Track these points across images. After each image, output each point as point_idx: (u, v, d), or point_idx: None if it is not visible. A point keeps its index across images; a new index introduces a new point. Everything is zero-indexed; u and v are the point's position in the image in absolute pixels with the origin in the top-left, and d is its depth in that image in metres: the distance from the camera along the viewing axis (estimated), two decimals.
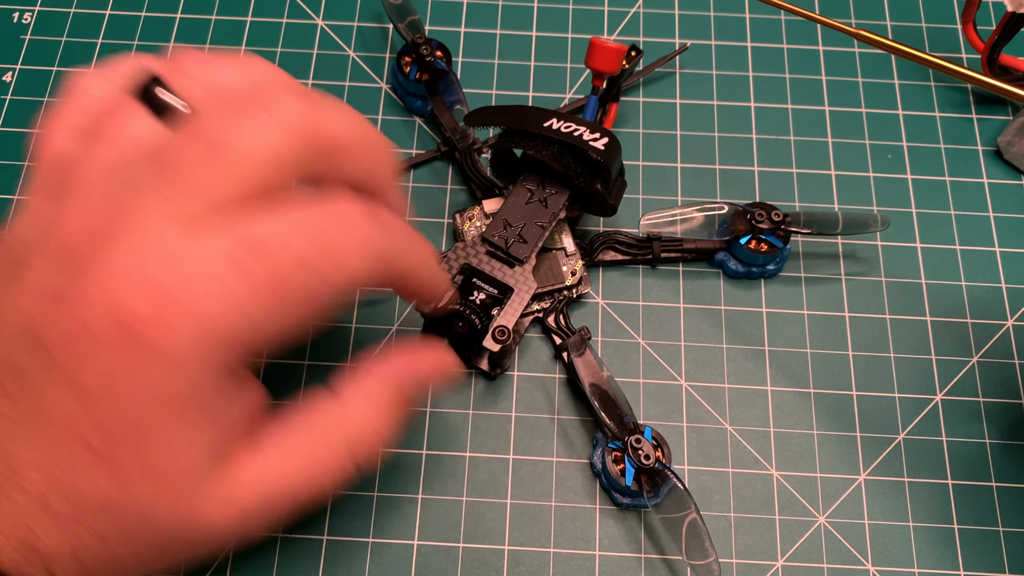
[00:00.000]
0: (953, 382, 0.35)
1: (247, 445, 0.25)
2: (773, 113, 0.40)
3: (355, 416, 0.26)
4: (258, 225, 0.22)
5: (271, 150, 0.23)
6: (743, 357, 0.35)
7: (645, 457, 0.31)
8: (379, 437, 0.26)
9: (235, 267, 0.22)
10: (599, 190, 0.33)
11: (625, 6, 0.43)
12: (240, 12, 0.42)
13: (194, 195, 0.22)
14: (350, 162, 0.25)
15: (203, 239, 0.22)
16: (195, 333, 0.22)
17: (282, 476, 0.25)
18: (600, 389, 0.32)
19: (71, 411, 0.22)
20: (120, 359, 0.22)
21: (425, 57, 0.38)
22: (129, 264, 0.22)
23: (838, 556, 0.32)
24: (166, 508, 0.24)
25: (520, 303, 0.32)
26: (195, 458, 0.24)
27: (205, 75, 0.25)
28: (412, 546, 0.32)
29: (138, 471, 0.23)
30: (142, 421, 0.22)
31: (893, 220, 0.38)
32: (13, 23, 0.42)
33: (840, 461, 0.34)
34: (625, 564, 0.32)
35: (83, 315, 0.22)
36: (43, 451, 0.23)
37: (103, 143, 0.24)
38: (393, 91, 0.40)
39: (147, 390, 0.22)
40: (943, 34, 0.42)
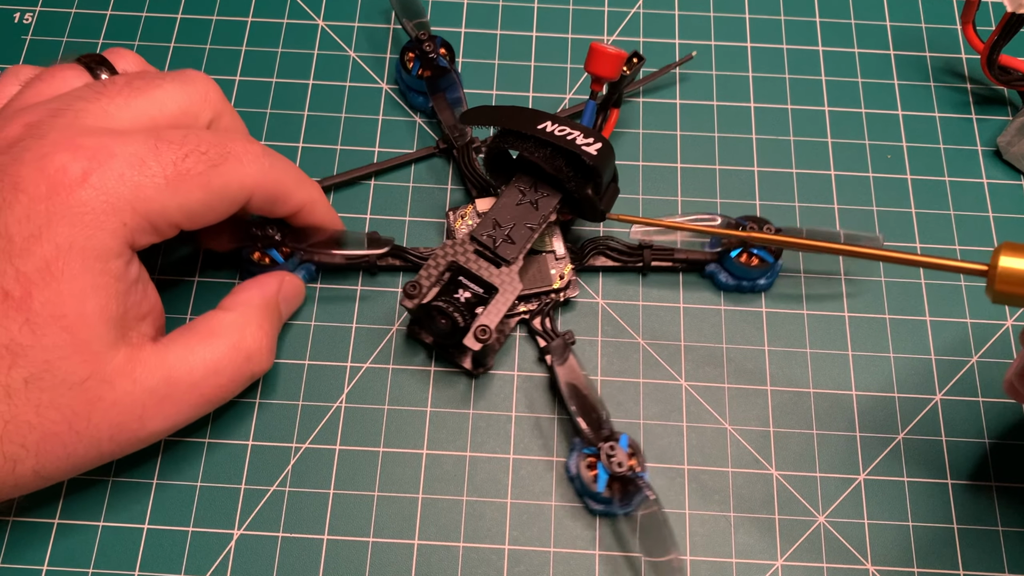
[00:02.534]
0: (952, 382, 0.35)
1: (152, 339, 0.29)
2: (773, 113, 0.40)
3: (241, 320, 0.31)
4: (173, 132, 0.28)
5: (179, 100, 0.30)
6: (743, 357, 0.35)
7: (618, 464, 0.30)
8: (269, 342, 0.32)
9: (153, 152, 0.27)
10: (590, 195, 0.33)
11: (625, 7, 0.43)
12: (240, 12, 0.42)
13: (122, 107, 0.28)
14: (233, 119, 0.32)
15: (129, 134, 0.28)
16: (113, 194, 0.27)
17: (186, 366, 0.29)
18: (579, 394, 0.32)
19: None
20: (45, 210, 0.26)
21: (428, 54, 0.38)
22: (64, 138, 0.27)
23: (838, 556, 0.32)
24: (74, 362, 0.26)
25: (504, 304, 0.32)
26: (103, 317, 0.27)
27: (137, 66, 0.33)
28: (412, 546, 0.32)
29: (50, 317, 0.26)
30: (58, 268, 0.26)
31: (893, 220, 0.38)
32: (14, 23, 0.42)
33: (840, 461, 0.34)
34: (625, 564, 0.32)
35: (16, 175, 0.26)
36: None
37: (43, 80, 0.30)
38: (396, 86, 0.40)
39: (66, 239, 0.26)
40: (943, 34, 0.42)
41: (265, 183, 0.30)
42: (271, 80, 0.40)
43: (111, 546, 0.32)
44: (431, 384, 0.35)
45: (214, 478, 0.33)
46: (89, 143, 0.27)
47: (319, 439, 0.34)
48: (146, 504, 0.32)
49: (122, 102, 0.29)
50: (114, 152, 0.27)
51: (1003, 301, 0.24)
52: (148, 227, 0.28)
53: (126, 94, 0.29)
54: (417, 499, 0.33)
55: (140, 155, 0.27)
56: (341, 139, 0.39)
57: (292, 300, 0.34)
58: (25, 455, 0.27)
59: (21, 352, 0.26)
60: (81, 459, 0.28)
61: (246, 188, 0.30)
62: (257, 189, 0.30)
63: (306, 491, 0.33)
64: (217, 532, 0.32)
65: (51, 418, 0.26)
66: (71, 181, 0.26)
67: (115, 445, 0.28)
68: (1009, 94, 0.41)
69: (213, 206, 0.29)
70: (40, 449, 0.27)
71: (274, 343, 0.32)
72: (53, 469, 0.28)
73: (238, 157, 0.29)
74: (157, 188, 0.27)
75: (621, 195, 0.38)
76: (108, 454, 0.29)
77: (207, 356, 0.30)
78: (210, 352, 0.30)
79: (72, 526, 0.32)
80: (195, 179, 0.28)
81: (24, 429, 0.26)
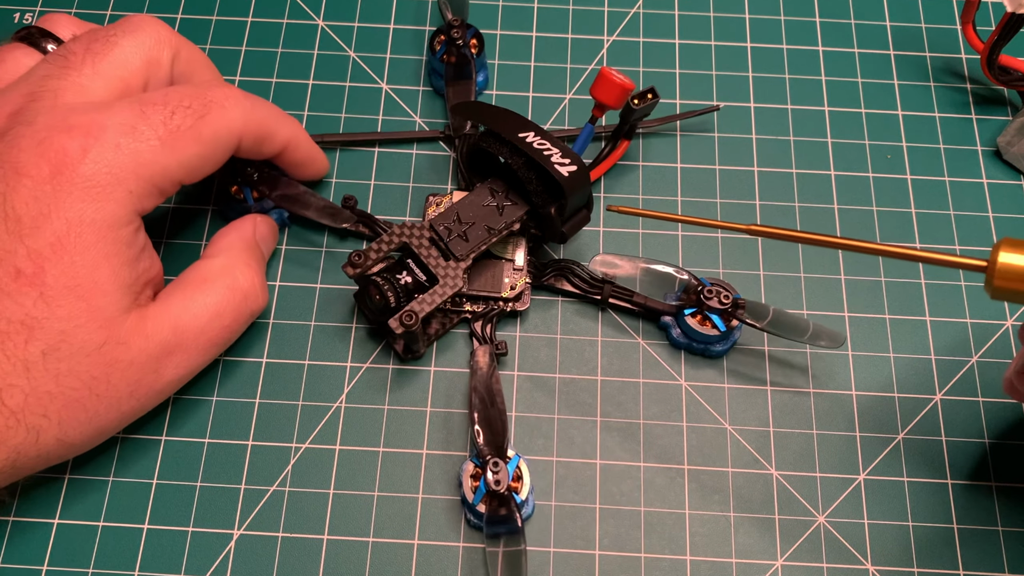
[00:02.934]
0: (952, 382, 0.35)
1: (154, 298, 0.31)
2: (773, 113, 0.40)
3: (229, 263, 0.32)
4: (153, 94, 0.29)
5: (138, 52, 0.30)
6: (743, 357, 0.35)
7: (496, 482, 0.30)
8: (255, 275, 0.33)
9: (141, 117, 0.28)
10: (552, 214, 0.33)
11: (625, 6, 0.43)
12: (240, 12, 0.42)
13: (91, 76, 0.29)
14: (204, 69, 0.33)
15: (111, 104, 0.28)
16: (113, 164, 0.27)
17: (190, 314, 0.30)
18: (484, 404, 0.32)
19: (2, 242, 0.26)
20: (51, 190, 0.27)
21: (455, 40, 0.38)
22: (53, 120, 0.28)
23: (837, 556, 0.32)
24: (90, 329, 0.27)
25: (439, 296, 0.32)
26: (117, 283, 0.28)
27: (74, 27, 0.33)
28: (412, 546, 0.32)
29: (64, 288, 0.27)
30: (70, 242, 0.27)
31: (893, 220, 0.38)
32: (14, 24, 0.42)
33: (839, 461, 0.34)
34: (625, 563, 0.32)
35: (16, 161, 0.27)
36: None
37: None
38: (426, 69, 0.40)
39: (76, 213, 0.27)
40: (943, 34, 0.42)
41: (250, 124, 0.31)
42: (271, 80, 0.40)
43: (111, 546, 0.32)
44: (431, 384, 0.35)
45: (214, 478, 0.33)
46: (79, 121, 0.28)
47: (319, 439, 0.34)
48: (146, 504, 0.32)
49: (91, 72, 0.29)
50: (105, 125, 0.28)
51: (1002, 297, 0.24)
52: (153, 190, 0.29)
53: (91, 62, 0.29)
54: (417, 499, 0.33)
55: (130, 122, 0.28)
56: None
57: (268, 239, 0.35)
58: (48, 424, 0.27)
59: (36, 325, 0.26)
60: (103, 420, 0.29)
61: (234, 132, 0.31)
62: (244, 131, 0.31)
63: (306, 491, 0.33)
64: (217, 532, 0.32)
65: (71, 385, 0.27)
66: (72, 160, 0.27)
67: (135, 401, 0.29)
68: (1009, 94, 0.41)
69: (208, 156, 0.30)
70: (62, 417, 0.27)
71: (264, 280, 0.33)
72: (76, 435, 0.28)
73: (220, 104, 0.30)
74: (154, 150, 0.28)
75: (621, 194, 0.38)
76: (129, 412, 0.29)
77: (207, 301, 0.31)
78: (209, 297, 0.31)
79: (72, 526, 0.32)
80: (186, 134, 0.29)
81: (45, 399, 0.27)
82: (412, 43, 0.41)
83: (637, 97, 0.35)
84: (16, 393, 0.26)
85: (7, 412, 0.26)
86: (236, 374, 0.34)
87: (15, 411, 0.26)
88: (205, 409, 0.34)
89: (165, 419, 0.34)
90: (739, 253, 0.37)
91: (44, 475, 0.33)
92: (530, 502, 0.32)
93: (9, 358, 0.26)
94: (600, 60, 0.41)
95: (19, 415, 0.26)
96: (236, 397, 0.34)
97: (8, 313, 0.26)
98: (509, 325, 0.36)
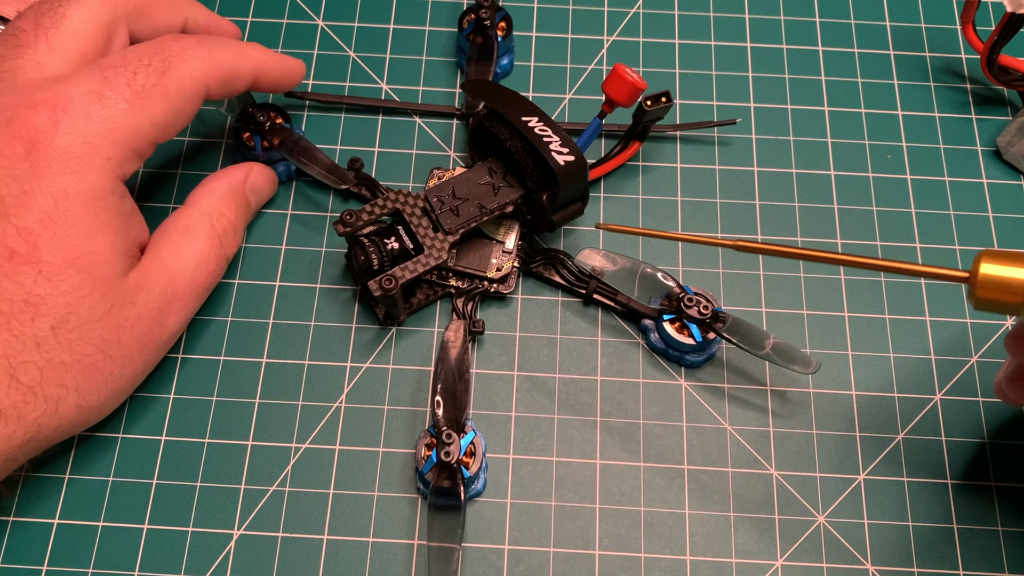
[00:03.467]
0: (952, 382, 0.35)
1: (144, 255, 0.31)
2: (773, 113, 0.40)
3: (211, 210, 0.33)
4: (111, 58, 0.29)
5: (88, 17, 0.30)
6: (743, 357, 0.35)
7: (445, 454, 0.30)
8: (235, 226, 0.34)
9: (104, 82, 0.28)
10: (543, 201, 0.33)
11: (625, 7, 0.43)
12: (240, 12, 0.42)
13: (45, 51, 0.29)
14: (162, 15, 0.33)
15: (71, 76, 0.28)
16: (87, 132, 0.27)
17: (179, 264, 0.31)
18: (449, 377, 0.32)
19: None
20: (29, 168, 0.26)
21: (483, 20, 0.38)
22: (17, 98, 0.27)
23: (837, 556, 0.32)
24: (95, 298, 0.27)
25: (421, 265, 0.32)
26: (113, 251, 0.28)
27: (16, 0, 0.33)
28: (412, 546, 0.32)
29: (62, 263, 0.27)
30: (59, 215, 0.27)
31: (893, 220, 0.38)
32: None
33: (839, 461, 0.34)
34: (625, 563, 0.32)
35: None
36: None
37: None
38: (456, 41, 0.41)
39: (59, 186, 0.27)
40: (943, 34, 0.42)
41: (214, 69, 0.31)
42: None
43: (111, 546, 0.32)
44: (431, 384, 0.35)
45: (214, 478, 0.33)
46: (44, 96, 0.27)
47: (319, 439, 0.34)
48: (146, 504, 0.32)
49: (44, 47, 0.29)
50: (70, 96, 0.27)
51: (985, 308, 0.24)
52: (130, 153, 0.29)
53: (43, 37, 0.29)
54: (417, 499, 0.33)
55: (95, 89, 0.28)
56: (341, 139, 0.39)
57: (261, 190, 0.36)
58: (66, 393, 0.27)
59: (40, 302, 0.26)
60: (117, 379, 0.29)
61: (200, 81, 0.30)
62: (210, 77, 0.31)
63: (306, 491, 0.33)
64: (217, 532, 0.32)
65: (84, 351, 0.28)
66: (44, 135, 0.27)
67: (145, 355, 0.30)
68: (1009, 94, 0.41)
69: (178, 110, 0.30)
70: (79, 384, 0.28)
71: (241, 226, 0.34)
72: (95, 398, 0.29)
73: (180, 56, 0.30)
74: (124, 114, 0.28)
75: (621, 195, 0.38)
76: (141, 367, 0.30)
77: (193, 249, 0.32)
78: (194, 245, 0.32)
79: (72, 526, 0.32)
80: (152, 92, 0.29)
81: (60, 369, 0.27)
82: (412, 43, 0.41)
83: (650, 99, 0.34)
84: (30, 368, 0.26)
85: (23, 388, 0.26)
86: (236, 374, 0.34)
87: (31, 386, 0.26)
88: (205, 409, 0.34)
89: (165, 419, 0.34)
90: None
91: (44, 475, 0.33)
92: (480, 479, 0.32)
93: (18, 337, 0.26)
94: (600, 60, 0.41)
95: (36, 389, 0.27)
96: (236, 397, 0.34)
97: (8, 294, 0.26)
98: (509, 326, 0.36)
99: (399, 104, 0.39)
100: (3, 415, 0.26)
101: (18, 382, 0.26)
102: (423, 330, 0.35)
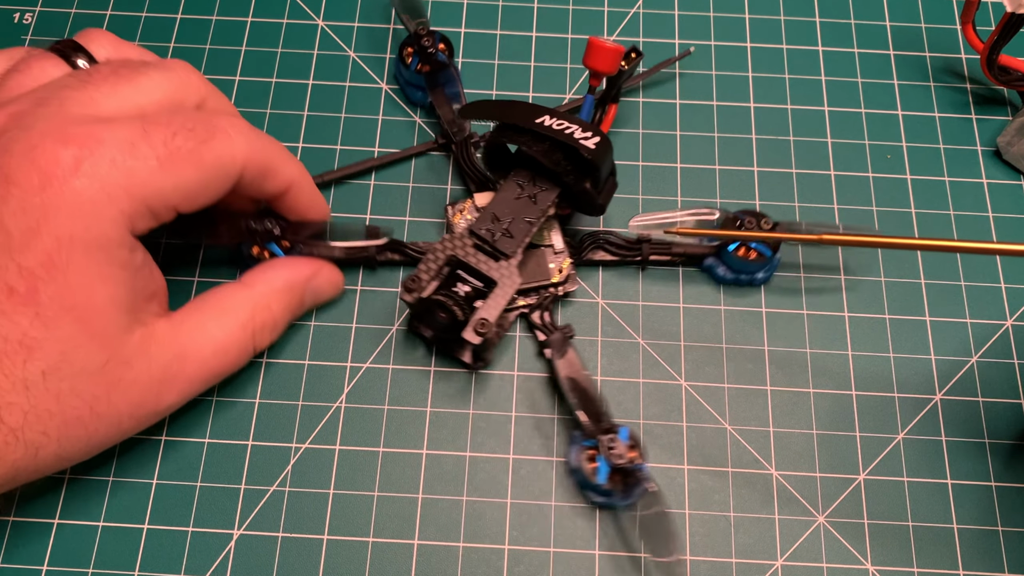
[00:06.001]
0: (952, 382, 0.35)
1: (162, 315, 0.29)
2: (773, 113, 0.40)
3: (258, 299, 0.32)
4: (159, 114, 0.28)
5: (164, 87, 0.29)
6: (743, 357, 0.35)
7: (618, 456, 0.30)
8: (275, 322, 0.32)
9: (142, 135, 0.27)
10: (588, 189, 0.33)
11: (625, 6, 0.43)
12: (240, 12, 0.42)
13: (107, 95, 0.28)
14: (219, 101, 0.32)
15: (115, 120, 0.27)
16: (107, 181, 0.26)
17: (196, 344, 0.30)
18: (578, 387, 0.32)
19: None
20: (40, 203, 0.25)
21: (427, 48, 0.37)
22: (51, 127, 0.26)
23: (838, 556, 0.32)
24: (91, 350, 0.27)
25: (503, 297, 0.32)
26: (115, 305, 0.27)
27: (111, 46, 0.32)
28: (412, 546, 0.32)
29: (61, 310, 0.26)
30: (62, 261, 0.26)
31: (893, 220, 0.38)
32: (14, 23, 0.42)
33: (839, 461, 0.34)
34: (625, 564, 0.32)
35: (6, 167, 0.26)
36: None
37: (21, 71, 0.30)
38: (395, 81, 0.40)
39: (65, 231, 0.26)
40: (943, 34, 0.42)
41: (254, 156, 0.30)
42: (271, 80, 0.40)
43: (111, 546, 0.32)
44: (431, 384, 0.35)
45: (214, 478, 0.33)
46: (77, 131, 0.26)
47: (319, 439, 0.34)
48: (146, 504, 0.32)
49: (108, 90, 0.28)
50: (103, 138, 0.26)
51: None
52: (146, 212, 0.27)
53: (112, 82, 0.28)
54: (417, 499, 0.33)
55: (130, 139, 0.27)
56: (341, 139, 0.39)
57: (323, 292, 0.34)
58: (47, 441, 0.27)
59: (35, 345, 0.26)
60: (102, 438, 0.28)
61: (237, 161, 0.29)
62: (248, 162, 0.30)
63: (306, 491, 0.33)
64: (217, 532, 0.32)
65: (72, 404, 0.27)
66: (63, 171, 0.26)
67: (134, 421, 0.29)
68: (1009, 94, 0.41)
69: (207, 183, 0.29)
70: (62, 434, 0.27)
71: (283, 324, 0.33)
72: (74, 451, 0.28)
73: (225, 131, 0.29)
74: (151, 171, 0.27)
75: (621, 194, 0.38)
76: (128, 430, 0.29)
77: (217, 335, 0.30)
78: (220, 330, 0.30)
79: (72, 526, 0.32)
80: (187, 157, 0.28)
81: (45, 417, 0.26)
82: None
83: (624, 59, 0.35)
84: (15, 411, 0.26)
85: (6, 430, 0.26)
86: (236, 374, 0.34)
87: (14, 428, 0.26)
88: (205, 409, 0.34)
89: (165, 419, 0.34)
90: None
91: None
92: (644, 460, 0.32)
93: (8, 377, 0.25)
94: None
95: (18, 432, 0.26)
96: (236, 397, 0.34)
97: (4, 331, 0.25)
98: (509, 327, 0.36)
99: (376, 162, 0.38)
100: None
101: (2, 422, 0.25)
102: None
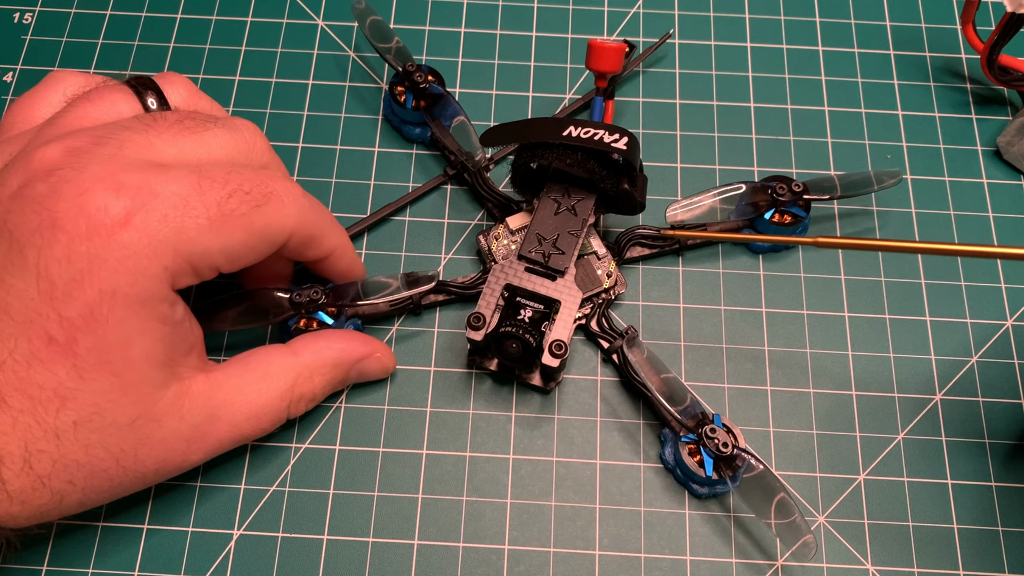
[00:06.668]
0: (952, 382, 0.35)
1: (199, 370, 0.29)
2: (773, 113, 0.40)
3: (303, 370, 0.31)
4: (216, 169, 0.28)
5: (228, 148, 0.29)
6: (743, 357, 0.35)
7: (723, 445, 0.31)
8: (314, 395, 0.32)
9: (197, 191, 0.26)
10: (627, 189, 0.33)
11: (625, 6, 0.43)
12: (240, 12, 0.42)
13: (168, 143, 0.27)
14: (278, 168, 0.32)
15: (172, 170, 0.27)
16: (156, 237, 0.26)
17: (230, 408, 0.29)
18: (668, 384, 0.32)
19: (34, 303, 0.25)
20: (86, 252, 0.25)
21: (419, 84, 0.37)
22: (105, 172, 0.26)
23: (838, 556, 0.32)
24: (123, 404, 0.26)
25: (570, 314, 0.32)
26: (151, 361, 0.27)
27: (187, 93, 0.32)
28: (412, 546, 0.32)
29: (96, 363, 0.25)
30: (102, 314, 0.25)
31: (893, 220, 0.38)
32: (14, 23, 0.42)
33: (839, 461, 0.34)
34: (625, 564, 0.32)
35: (55, 211, 0.25)
36: (1, 342, 0.25)
37: (91, 101, 0.29)
38: (388, 122, 0.39)
39: (109, 284, 0.25)
40: (943, 34, 0.42)
41: (304, 224, 0.29)
42: (271, 80, 0.40)
43: (111, 546, 0.32)
44: (431, 384, 0.35)
45: (214, 478, 0.33)
46: (131, 180, 0.26)
47: (319, 439, 0.34)
48: (146, 504, 0.32)
49: (169, 138, 0.28)
50: (157, 191, 0.26)
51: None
52: (189, 269, 0.27)
53: (174, 131, 0.28)
54: (417, 499, 0.33)
55: (183, 194, 0.26)
56: (341, 139, 0.39)
57: (370, 374, 0.34)
58: (72, 490, 0.27)
59: (69, 396, 0.25)
60: (126, 489, 0.28)
61: (286, 229, 0.29)
62: (296, 230, 0.29)
63: (306, 491, 0.33)
64: (217, 532, 0.32)
65: (99, 456, 0.27)
66: (112, 222, 0.25)
67: (158, 476, 0.29)
68: (1009, 94, 0.41)
69: (254, 247, 0.28)
70: (87, 485, 0.27)
71: (321, 398, 0.33)
72: (97, 499, 0.28)
73: (280, 198, 0.28)
74: (200, 229, 0.26)
75: None
76: (151, 482, 0.29)
77: (253, 399, 0.30)
78: (258, 395, 0.30)
79: (72, 526, 0.32)
80: (238, 220, 0.27)
81: (72, 467, 0.26)
82: (412, 43, 0.41)
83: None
84: (45, 459, 0.26)
85: (34, 476, 0.26)
86: None
87: (42, 476, 0.26)
88: None
89: None
90: (739, 252, 0.37)
91: None
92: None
93: (40, 424, 0.25)
94: None
95: (45, 480, 0.26)
96: None
97: (40, 379, 0.25)
98: None
99: (385, 211, 0.37)
100: (11, 498, 0.26)
101: (31, 469, 0.26)
102: (424, 330, 0.35)
